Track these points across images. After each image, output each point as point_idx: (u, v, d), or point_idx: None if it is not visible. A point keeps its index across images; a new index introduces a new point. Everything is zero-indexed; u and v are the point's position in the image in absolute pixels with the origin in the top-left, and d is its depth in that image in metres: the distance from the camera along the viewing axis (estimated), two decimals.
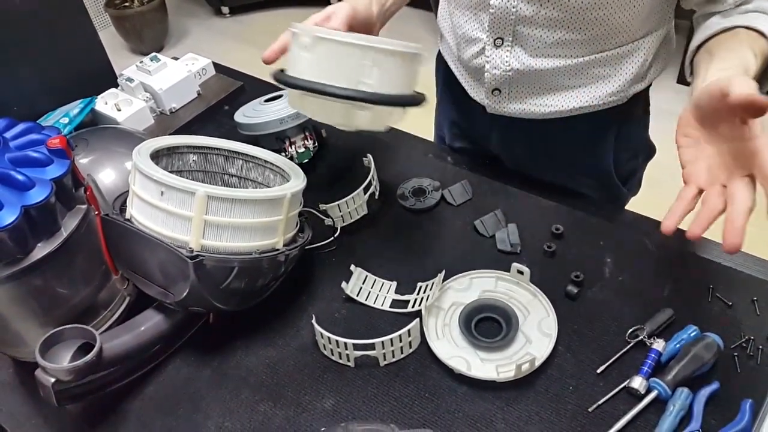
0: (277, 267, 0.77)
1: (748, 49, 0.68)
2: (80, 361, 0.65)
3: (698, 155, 0.65)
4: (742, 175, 0.61)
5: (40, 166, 0.70)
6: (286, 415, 0.73)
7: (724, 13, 0.76)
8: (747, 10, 0.74)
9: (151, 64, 1.20)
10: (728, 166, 0.63)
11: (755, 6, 0.74)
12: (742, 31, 0.72)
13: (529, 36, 0.83)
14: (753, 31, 0.71)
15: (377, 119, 0.74)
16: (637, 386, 0.70)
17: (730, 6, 0.75)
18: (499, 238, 0.89)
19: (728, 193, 0.61)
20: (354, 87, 0.69)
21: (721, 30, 0.73)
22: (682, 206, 0.64)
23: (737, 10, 0.75)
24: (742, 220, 0.59)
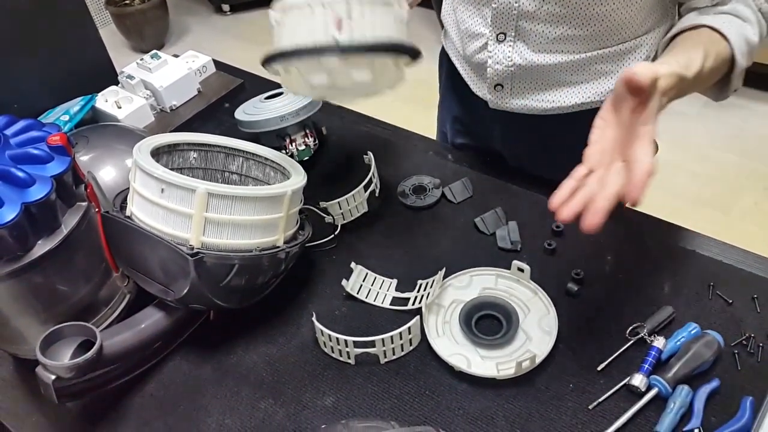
0: (277, 264, 0.77)
1: (701, 49, 0.69)
2: (81, 359, 0.65)
3: (601, 137, 0.65)
4: (620, 160, 0.62)
5: (41, 163, 0.70)
6: (287, 413, 0.73)
7: (702, 10, 0.77)
8: (721, 11, 0.75)
9: (151, 62, 1.20)
10: (615, 150, 0.64)
11: (730, 8, 0.75)
12: (705, 31, 0.73)
13: (532, 31, 0.83)
14: (716, 32, 0.72)
15: (373, 77, 0.71)
16: (638, 384, 0.70)
17: (707, 3, 0.76)
18: (500, 236, 0.89)
19: (603, 177, 0.62)
20: (328, 41, 0.66)
21: (690, 27, 0.74)
22: (570, 183, 0.64)
23: (713, 9, 0.75)
24: (604, 202, 0.59)
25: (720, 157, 2.33)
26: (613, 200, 0.60)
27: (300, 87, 0.75)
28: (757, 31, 0.74)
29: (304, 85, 0.73)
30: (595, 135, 0.66)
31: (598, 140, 0.65)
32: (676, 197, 2.12)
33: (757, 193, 2.17)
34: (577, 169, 0.66)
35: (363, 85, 0.72)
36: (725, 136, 2.40)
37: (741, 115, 2.45)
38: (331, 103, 1.16)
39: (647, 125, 0.61)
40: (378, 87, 0.74)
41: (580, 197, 0.62)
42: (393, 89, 0.77)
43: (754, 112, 2.47)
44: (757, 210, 2.11)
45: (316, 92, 0.78)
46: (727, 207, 2.13)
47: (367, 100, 0.80)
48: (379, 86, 0.74)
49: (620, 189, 0.60)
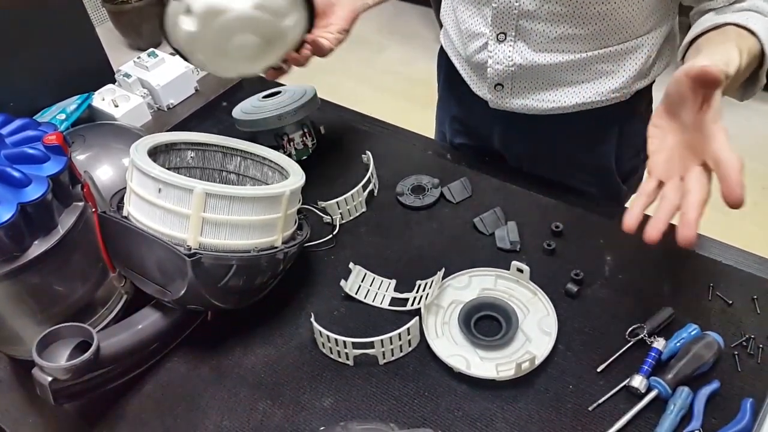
0: (275, 265, 0.77)
1: (734, 45, 0.67)
2: (77, 360, 0.65)
3: (661, 146, 0.64)
4: (698, 164, 0.60)
5: (37, 162, 0.69)
6: (285, 414, 0.73)
7: (718, 10, 0.75)
8: (741, 8, 0.73)
9: (148, 60, 1.19)
10: (686, 156, 0.62)
11: (749, 4, 0.73)
12: (731, 28, 0.71)
13: (532, 31, 0.83)
14: (742, 29, 0.70)
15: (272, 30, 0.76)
16: (638, 385, 0.70)
17: (724, 3, 0.74)
18: (499, 236, 0.89)
19: (684, 185, 0.60)
20: None
21: (712, 27, 0.72)
22: (641, 200, 0.62)
23: (731, 8, 0.74)
24: (695, 212, 0.58)
25: None
26: (703, 208, 0.58)
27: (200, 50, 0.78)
28: None
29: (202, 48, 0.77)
30: (654, 144, 0.64)
31: (660, 149, 0.63)
32: None
33: (756, 192, 2.17)
34: (646, 183, 0.63)
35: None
36: None
37: (740, 115, 2.45)
38: (325, 100, 1.15)
39: (717, 122, 0.58)
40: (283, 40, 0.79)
41: (664, 213, 0.59)
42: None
43: (753, 112, 2.47)
44: (756, 210, 2.11)
45: (218, 65, 0.82)
46: (726, 206, 2.12)
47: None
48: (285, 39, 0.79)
49: (707, 195, 0.58)
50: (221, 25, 0.74)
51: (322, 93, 1.07)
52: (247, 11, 0.73)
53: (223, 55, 0.79)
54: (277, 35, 0.78)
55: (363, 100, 1.23)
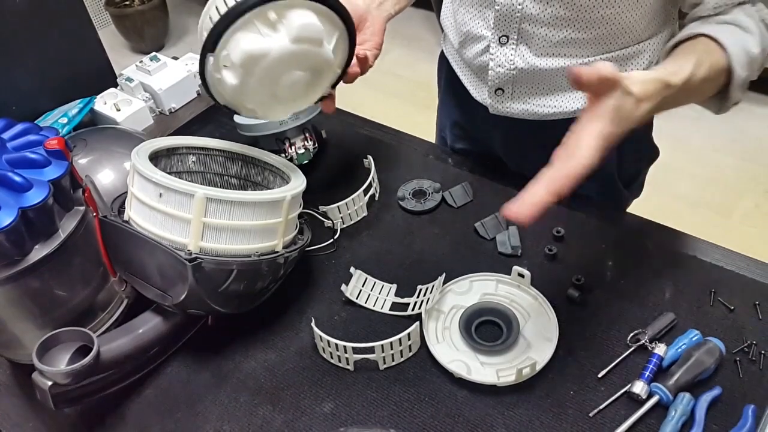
0: (276, 269, 0.77)
1: (693, 58, 0.68)
2: (78, 364, 0.65)
3: (566, 139, 0.64)
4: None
5: (38, 167, 0.70)
6: (285, 419, 0.73)
7: (704, 19, 0.76)
8: (723, 20, 0.74)
9: (150, 64, 1.19)
10: None
11: (731, 18, 0.73)
12: (702, 40, 0.72)
13: (535, 34, 0.83)
14: (713, 41, 0.71)
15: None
16: (639, 391, 0.69)
17: (709, 12, 0.75)
18: (500, 241, 0.89)
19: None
20: None
21: (690, 36, 0.73)
22: None
23: (715, 19, 0.74)
24: (533, 196, 0.58)
25: (720, 159, 2.33)
26: (543, 194, 0.58)
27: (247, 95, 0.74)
28: (759, 42, 0.72)
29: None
30: (566, 137, 0.65)
31: (564, 142, 0.65)
32: (676, 200, 2.12)
33: (758, 195, 2.17)
34: None
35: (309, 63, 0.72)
36: (725, 138, 2.40)
37: (741, 118, 2.45)
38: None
39: (594, 122, 0.60)
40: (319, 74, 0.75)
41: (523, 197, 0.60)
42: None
43: (754, 115, 2.46)
44: (757, 213, 2.11)
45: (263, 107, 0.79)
46: (728, 210, 2.13)
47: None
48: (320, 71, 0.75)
49: (548, 184, 0.59)
50: (265, 70, 0.70)
51: None
52: (288, 48, 0.69)
53: (274, 99, 0.77)
54: (323, 63, 0.75)
55: (365, 104, 1.22)
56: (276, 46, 0.69)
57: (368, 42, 0.84)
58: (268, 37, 0.69)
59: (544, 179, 0.59)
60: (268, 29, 0.69)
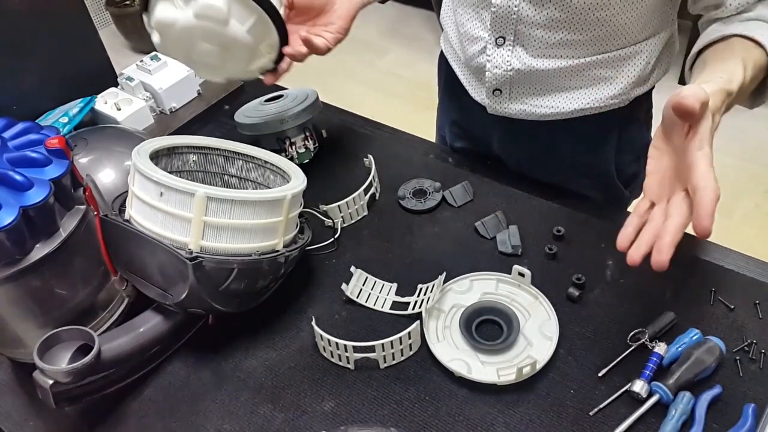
0: (277, 268, 0.77)
1: (738, 59, 0.68)
2: (79, 363, 0.65)
3: (658, 167, 0.65)
4: (682, 189, 0.62)
5: (39, 166, 0.70)
6: (286, 418, 0.73)
7: (725, 20, 0.75)
8: (748, 18, 0.73)
9: (151, 63, 1.19)
10: (674, 180, 0.63)
11: (756, 14, 0.73)
12: (737, 40, 0.71)
13: (531, 36, 0.83)
14: (748, 40, 0.70)
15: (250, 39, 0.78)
16: (639, 390, 0.69)
17: (732, 13, 0.74)
18: (500, 240, 0.89)
19: (667, 210, 0.62)
20: None
21: (719, 38, 0.72)
22: (634, 220, 0.64)
23: (738, 18, 0.74)
24: (669, 237, 0.59)
25: (720, 160, 2.30)
26: (679, 234, 0.59)
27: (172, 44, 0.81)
28: None
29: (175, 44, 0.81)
30: (651, 165, 0.65)
31: (655, 170, 0.64)
32: None
33: (758, 196, 2.17)
34: (640, 204, 0.65)
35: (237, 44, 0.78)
36: (725, 139, 2.40)
37: (741, 118, 2.44)
38: (327, 103, 1.15)
39: (703, 149, 0.59)
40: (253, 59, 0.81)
41: (647, 236, 0.61)
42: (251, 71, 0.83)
43: (754, 115, 2.45)
44: (758, 213, 2.11)
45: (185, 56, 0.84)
46: (728, 210, 2.13)
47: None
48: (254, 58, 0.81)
49: (685, 220, 0.59)
50: (176, 36, 0.79)
51: (324, 96, 1.07)
52: (191, 22, 0.76)
53: (192, 62, 0.85)
54: (232, 41, 0.79)
55: (365, 103, 1.23)
56: (181, 19, 0.76)
57: (332, 25, 0.84)
58: (180, 9, 0.76)
59: (676, 228, 0.59)
60: (182, 2, 0.76)
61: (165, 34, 0.80)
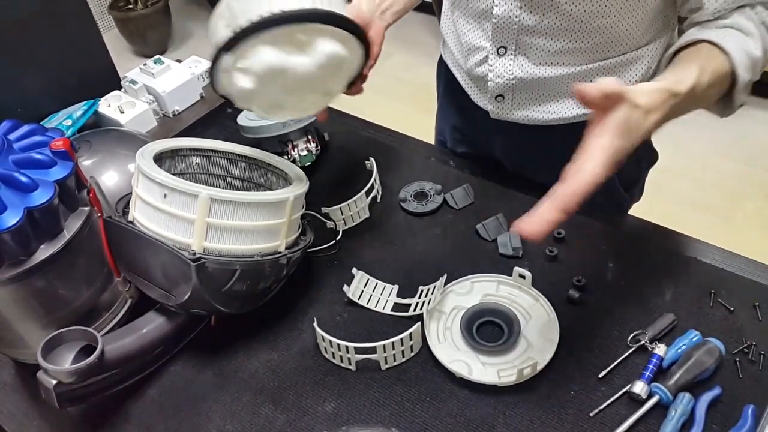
0: (279, 270, 0.78)
1: (696, 64, 0.69)
2: (82, 363, 0.65)
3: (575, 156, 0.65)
4: None
5: (44, 167, 0.70)
6: (288, 419, 0.73)
7: (704, 24, 0.76)
8: (723, 24, 0.74)
9: (154, 67, 1.20)
10: None
11: (731, 22, 0.74)
12: (705, 45, 0.72)
13: (533, 45, 0.83)
14: (715, 47, 0.71)
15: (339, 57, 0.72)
16: (639, 391, 0.70)
17: (709, 17, 0.75)
18: (501, 242, 0.89)
19: None
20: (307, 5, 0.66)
21: (691, 42, 0.73)
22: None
23: (715, 24, 0.75)
24: (546, 212, 0.59)
25: (721, 163, 2.33)
26: (554, 210, 0.59)
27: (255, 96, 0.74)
28: (760, 45, 0.73)
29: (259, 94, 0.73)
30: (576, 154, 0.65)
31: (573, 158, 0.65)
32: (677, 203, 2.12)
33: (759, 199, 2.17)
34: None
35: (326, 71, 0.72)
36: (727, 142, 2.40)
37: (742, 122, 2.45)
38: (329, 107, 1.16)
39: (601, 137, 0.60)
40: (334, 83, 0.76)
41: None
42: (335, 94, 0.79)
43: (755, 119, 2.47)
44: (759, 216, 2.11)
45: (268, 106, 0.78)
46: (729, 213, 2.13)
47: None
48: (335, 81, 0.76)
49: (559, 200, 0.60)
50: (280, 84, 0.71)
51: None
52: (310, 70, 0.70)
53: (276, 107, 0.78)
54: (338, 85, 0.77)
55: (366, 106, 1.23)
56: (299, 66, 0.69)
57: None
58: (293, 55, 0.69)
59: (552, 197, 0.59)
60: (294, 48, 0.69)
61: (265, 82, 0.70)
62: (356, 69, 0.79)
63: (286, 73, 0.69)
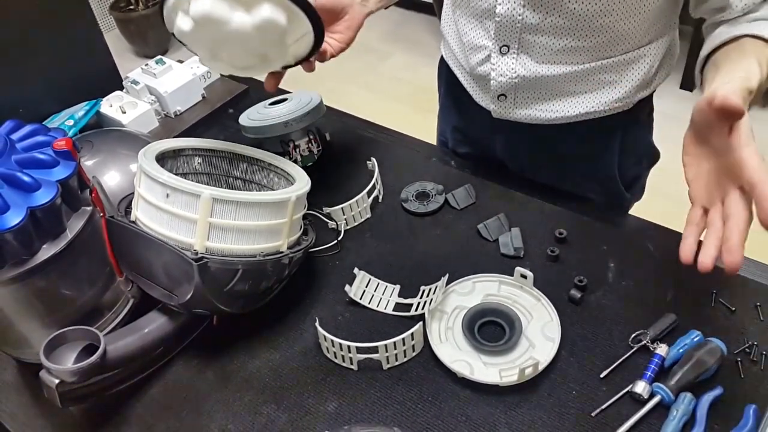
0: (280, 270, 0.78)
1: (752, 59, 0.67)
2: (84, 363, 0.65)
3: (698, 173, 0.65)
4: (735, 188, 0.61)
5: (46, 167, 0.70)
6: (289, 418, 0.73)
7: (732, 21, 0.74)
8: (755, 18, 0.73)
9: (156, 67, 1.20)
10: (723, 181, 0.62)
11: (762, 14, 0.73)
12: (747, 40, 0.71)
13: (535, 43, 0.83)
14: (758, 39, 0.70)
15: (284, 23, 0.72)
16: (641, 391, 0.70)
17: (738, 14, 0.74)
18: (503, 242, 0.89)
19: (724, 211, 0.61)
20: None
21: (728, 39, 0.72)
22: (692, 229, 0.64)
23: (745, 18, 0.73)
24: (736, 237, 0.59)
25: None
26: (745, 232, 0.59)
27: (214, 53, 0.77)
28: None
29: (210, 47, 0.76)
30: (690, 173, 0.65)
31: (697, 176, 0.65)
32: (678, 204, 2.11)
33: None
34: (691, 213, 0.65)
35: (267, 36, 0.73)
36: None
37: None
38: (331, 107, 1.16)
39: (750, 145, 0.59)
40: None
41: (712, 241, 0.61)
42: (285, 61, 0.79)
43: (756, 119, 2.46)
44: None
45: (228, 64, 0.80)
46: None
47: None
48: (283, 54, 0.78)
49: (747, 217, 0.59)
50: (215, 35, 0.73)
51: (328, 100, 1.08)
52: (246, 30, 0.71)
53: (212, 56, 0.79)
54: (274, 53, 0.78)
55: (368, 107, 1.23)
56: (236, 23, 0.70)
57: (340, 35, 0.85)
58: (234, 10, 0.70)
59: (741, 227, 0.59)
60: (236, 3, 0.70)
61: (201, 28, 0.72)
62: (305, 46, 0.79)
63: (221, 25, 0.70)
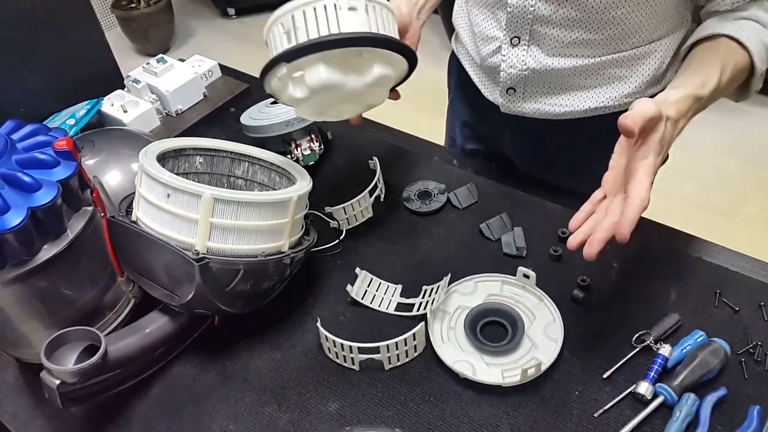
0: (282, 270, 0.77)
1: (718, 63, 0.71)
2: (85, 363, 0.65)
3: (618, 163, 0.68)
4: (624, 191, 0.65)
5: (47, 167, 0.70)
6: (291, 419, 0.73)
7: (721, 15, 0.77)
8: (741, 16, 0.75)
9: (157, 66, 1.20)
10: (623, 180, 0.66)
11: (750, 13, 0.74)
12: (724, 41, 0.74)
13: (546, 35, 0.83)
14: (734, 41, 0.72)
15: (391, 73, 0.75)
16: (644, 391, 0.69)
17: (728, 7, 0.76)
18: (505, 242, 0.89)
19: (609, 206, 0.66)
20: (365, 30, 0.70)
21: (709, 35, 0.75)
22: (587, 207, 0.68)
23: (732, 15, 0.75)
24: (601, 234, 0.64)
25: (725, 163, 2.32)
26: (608, 234, 0.63)
27: (310, 106, 0.77)
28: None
29: (312, 104, 0.76)
30: (613, 160, 0.68)
31: (615, 165, 0.68)
32: (681, 203, 2.12)
33: (762, 199, 2.16)
34: (596, 193, 0.69)
35: (372, 88, 0.74)
36: (730, 142, 2.39)
37: (746, 121, 2.44)
38: None
39: (646, 158, 0.63)
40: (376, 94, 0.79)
41: (587, 227, 0.66)
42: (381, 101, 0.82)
43: (759, 118, 2.46)
44: (762, 215, 2.10)
45: (322, 112, 0.82)
46: (733, 213, 2.12)
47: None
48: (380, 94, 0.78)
49: (615, 223, 0.63)
50: (329, 97, 0.75)
51: None
52: (359, 89, 0.74)
53: (319, 113, 0.82)
54: (378, 98, 0.80)
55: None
56: (350, 85, 0.73)
57: None
58: (347, 75, 0.72)
59: (607, 227, 0.64)
60: (348, 68, 0.72)
61: (316, 94, 0.73)
62: (397, 81, 0.83)
63: (337, 89, 0.72)
